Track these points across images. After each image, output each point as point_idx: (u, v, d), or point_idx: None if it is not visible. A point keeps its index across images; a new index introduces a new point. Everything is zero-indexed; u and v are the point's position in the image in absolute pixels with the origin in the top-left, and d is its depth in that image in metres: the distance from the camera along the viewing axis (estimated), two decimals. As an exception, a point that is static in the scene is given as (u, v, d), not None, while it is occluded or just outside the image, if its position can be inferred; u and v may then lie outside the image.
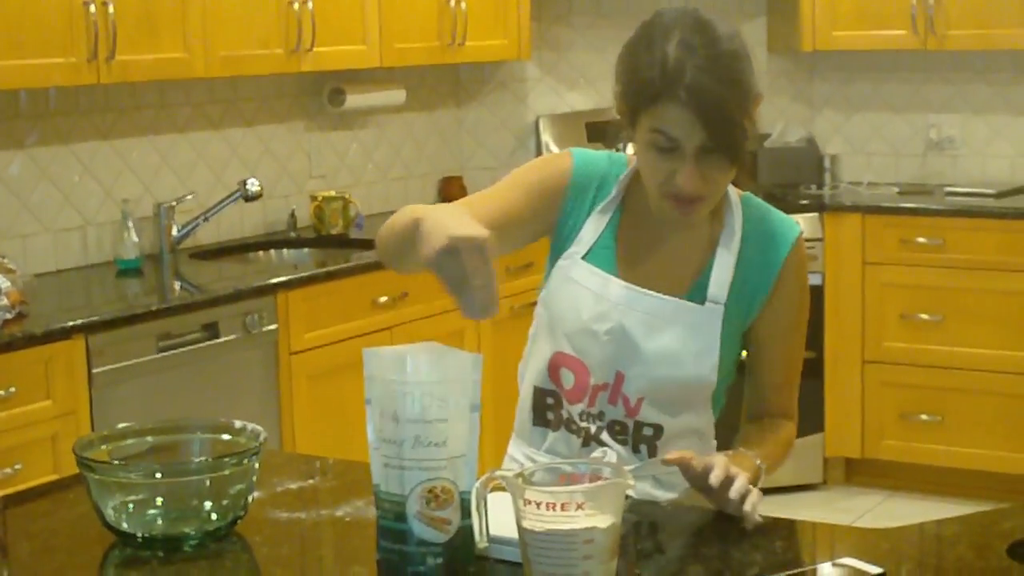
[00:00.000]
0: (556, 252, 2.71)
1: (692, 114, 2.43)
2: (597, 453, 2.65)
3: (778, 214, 2.68)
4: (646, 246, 2.66)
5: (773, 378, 2.73)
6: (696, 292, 2.64)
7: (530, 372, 2.74)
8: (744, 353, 2.72)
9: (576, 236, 2.67)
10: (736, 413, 2.78)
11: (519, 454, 2.76)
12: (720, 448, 2.71)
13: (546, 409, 2.71)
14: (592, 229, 2.66)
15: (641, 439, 2.66)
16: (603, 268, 2.65)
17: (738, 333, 2.67)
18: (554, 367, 2.67)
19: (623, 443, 2.65)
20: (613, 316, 2.62)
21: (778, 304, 2.66)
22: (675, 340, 2.62)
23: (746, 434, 2.70)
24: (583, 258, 2.66)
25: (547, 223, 2.70)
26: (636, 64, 2.51)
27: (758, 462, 2.54)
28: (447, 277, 2.21)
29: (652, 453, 2.66)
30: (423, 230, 2.22)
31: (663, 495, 2.63)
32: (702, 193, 2.53)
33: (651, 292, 2.63)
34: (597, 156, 2.70)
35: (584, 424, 2.66)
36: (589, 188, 2.67)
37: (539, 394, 2.71)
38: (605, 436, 2.65)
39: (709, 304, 2.62)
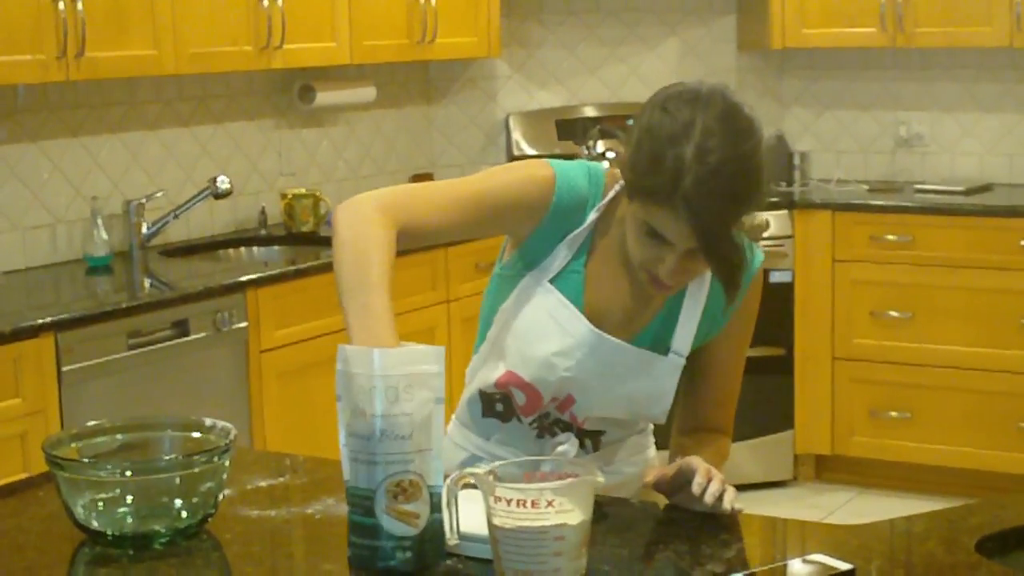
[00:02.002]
0: (520, 261, 2.64)
1: (685, 225, 2.36)
2: (561, 438, 2.65)
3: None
4: (612, 278, 2.60)
5: (716, 394, 2.73)
6: (658, 329, 2.63)
7: (479, 379, 2.71)
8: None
9: (546, 259, 2.62)
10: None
11: (467, 443, 2.74)
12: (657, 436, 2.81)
13: (496, 403, 2.70)
14: (563, 255, 2.61)
15: (586, 435, 2.69)
16: (569, 296, 2.61)
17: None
18: (505, 384, 2.65)
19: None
20: (576, 355, 2.59)
21: (730, 328, 2.66)
22: (633, 386, 2.62)
23: (682, 446, 2.68)
24: (550, 281, 2.62)
25: (516, 236, 2.64)
26: (646, 157, 2.39)
27: None
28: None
29: (597, 448, 2.70)
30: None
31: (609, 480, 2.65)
32: (680, 284, 2.52)
33: (617, 340, 2.60)
34: (579, 181, 2.58)
35: (533, 422, 2.67)
36: (568, 217, 2.59)
37: (488, 396, 2.71)
38: (555, 430, 2.67)
39: (672, 355, 2.62)
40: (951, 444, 6.22)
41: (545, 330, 2.60)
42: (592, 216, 2.59)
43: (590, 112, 6.94)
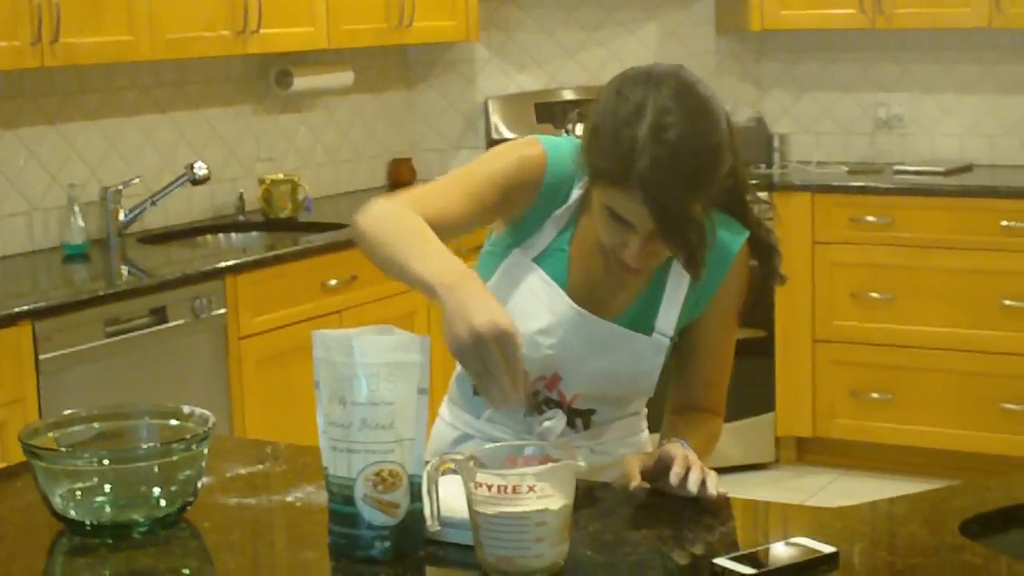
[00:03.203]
0: (509, 237, 2.64)
1: (644, 207, 2.34)
2: (548, 414, 2.63)
3: (725, 224, 2.57)
4: (595, 256, 2.58)
5: (707, 375, 2.71)
6: (643, 306, 2.62)
7: None
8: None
9: (532, 237, 2.61)
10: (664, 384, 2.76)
11: (458, 422, 2.74)
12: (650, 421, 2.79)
13: None
14: (548, 233, 2.61)
15: (577, 414, 2.68)
16: (554, 275, 2.60)
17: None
18: None
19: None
20: (558, 333, 2.59)
21: (718, 305, 2.64)
22: (617, 363, 2.62)
23: (673, 425, 2.67)
24: (535, 259, 2.62)
25: (507, 218, 2.64)
26: (602, 140, 2.38)
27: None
28: (470, 367, 2.20)
29: (587, 427, 2.69)
30: (447, 312, 2.22)
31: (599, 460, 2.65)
32: (649, 265, 2.51)
33: (598, 319, 2.60)
34: (567, 156, 2.56)
35: None
36: (556, 194, 2.58)
37: None
38: (544, 408, 2.65)
39: (656, 335, 2.61)
40: (932, 425, 6.23)
41: (529, 308, 2.59)
42: (576, 194, 2.58)
43: (569, 96, 6.93)
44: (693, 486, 2.40)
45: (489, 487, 2.06)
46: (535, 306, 2.60)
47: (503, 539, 2.06)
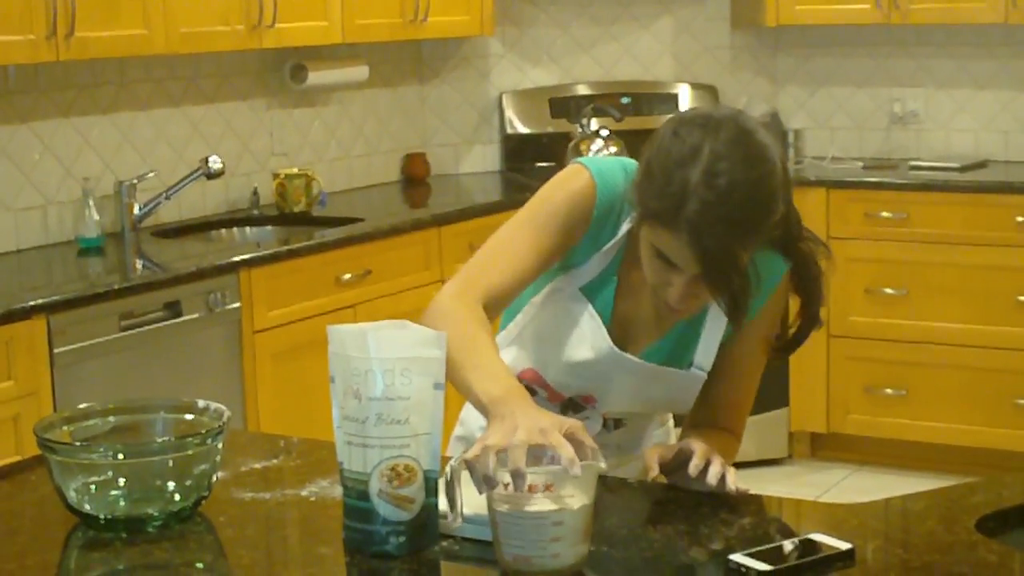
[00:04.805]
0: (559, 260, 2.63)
1: (691, 250, 2.33)
2: (587, 412, 2.65)
3: (767, 255, 2.53)
4: (643, 283, 2.55)
5: (731, 397, 2.70)
6: (684, 331, 2.62)
7: (506, 360, 2.70)
8: None
9: (582, 265, 2.61)
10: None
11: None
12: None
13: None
14: (597, 263, 2.60)
15: (609, 417, 2.71)
16: (600, 306, 2.60)
17: None
18: (528, 380, 2.65)
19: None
20: (597, 368, 2.60)
21: (750, 331, 2.62)
22: (653, 393, 2.64)
23: (690, 437, 2.66)
24: (582, 288, 2.62)
25: (563, 252, 2.63)
26: (654, 179, 2.37)
27: None
28: (480, 465, 2.14)
29: (619, 426, 2.73)
30: (491, 422, 2.23)
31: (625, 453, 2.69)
32: (691, 308, 2.51)
33: (638, 361, 2.61)
34: (617, 182, 2.54)
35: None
36: (607, 222, 2.57)
37: None
38: (578, 407, 2.68)
39: (695, 370, 2.62)
40: (946, 421, 6.21)
41: (569, 340, 2.61)
42: (625, 227, 2.57)
43: (583, 90, 6.92)
44: (713, 479, 2.39)
45: (507, 485, 2.05)
46: (578, 339, 2.61)
47: (521, 538, 2.06)
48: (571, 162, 2.61)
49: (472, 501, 2.15)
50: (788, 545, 2.18)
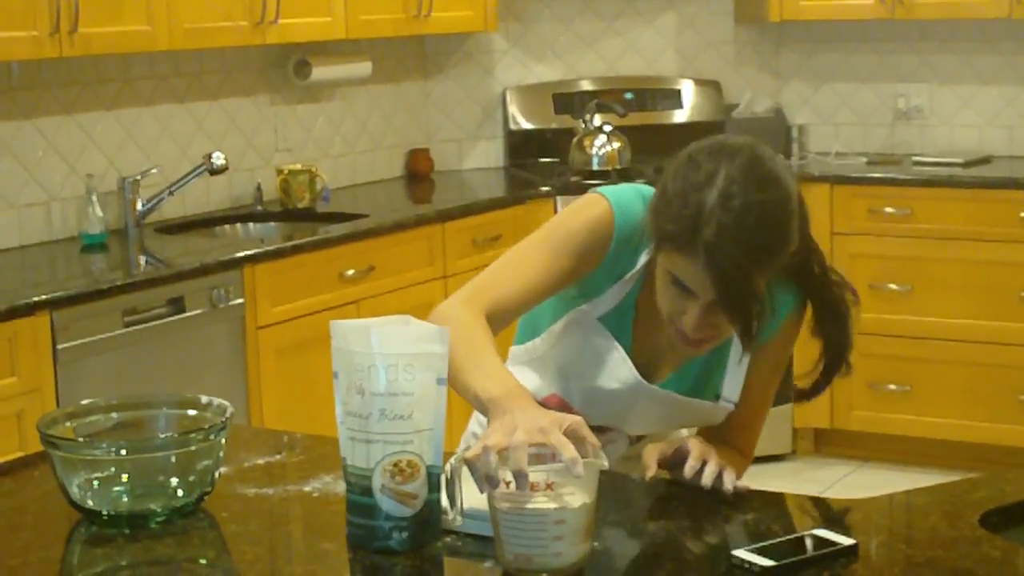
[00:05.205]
0: (575, 287, 2.62)
1: (707, 274, 2.34)
2: (612, 435, 2.66)
3: (781, 283, 2.55)
4: (661, 322, 2.54)
5: (743, 418, 2.70)
6: (706, 364, 2.64)
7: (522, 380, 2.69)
8: None
9: (600, 295, 2.61)
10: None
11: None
12: None
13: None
14: (615, 293, 2.61)
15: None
16: (619, 334, 2.61)
17: None
18: (552, 405, 2.63)
19: None
20: (621, 397, 2.61)
21: (764, 355, 2.64)
22: (679, 420, 2.66)
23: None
24: (600, 318, 2.62)
25: (579, 277, 2.63)
26: (671, 203, 2.38)
27: None
28: (481, 465, 2.13)
29: (641, 438, 2.74)
30: (492, 421, 2.22)
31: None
32: (707, 338, 2.49)
33: (664, 392, 2.62)
34: (635, 211, 2.54)
35: None
36: (624, 252, 2.57)
37: None
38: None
39: (723, 402, 2.63)
40: (950, 417, 6.21)
41: (593, 371, 2.62)
42: (643, 259, 2.57)
43: (587, 86, 6.92)
44: (708, 479, 2.40)
45: (509, 483, 2.05)
46: (602, 370, 2.62)
47: (522, 536, 2.06)
48: (589, 191, 2.62)
49: (473, 497, 2.14)
50: (791, 540, 2.18)
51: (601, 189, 2.60)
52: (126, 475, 2.33)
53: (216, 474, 2.37)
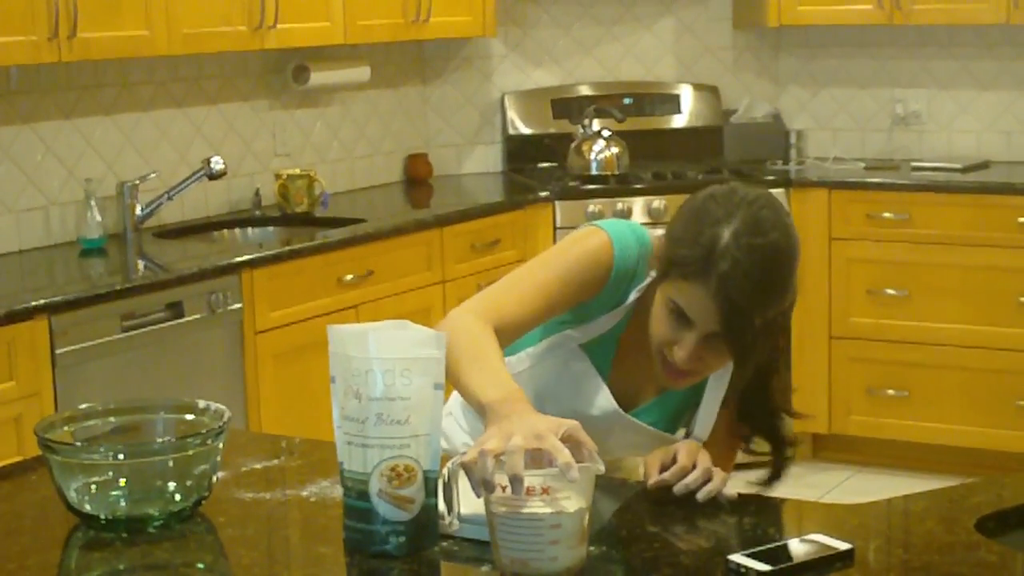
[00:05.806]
0: (567, 314, 2.67)
1: (715, 303, 2.40)
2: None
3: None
4: (643, 352, 2.59)
5: (728, 421, 2.71)
6: (682, 398, 2.68)
7: None
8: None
9: (586, 323, 2.66)
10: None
11: (475, 431, 2.73)
12: None
13: None
14: (601, 325, 2.65)
15: None
16: (599, 363, 2.66)
17: None
18: None
19: None
20: (597, 425, 2.60)
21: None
22: (650, 448, 2.64)
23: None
24: (582, 345, 2.66)
25: (569, 306, 2.67)
26: (688, 231, 2.44)
27: None
28: (478, 470, 2.14)
29: None
30: (488, 424, 2.24)
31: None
32: (694, 371, 2.53)
33: (638, 423, 2.66)
34: (631, 247, 2.61)
35: None
36: (619, 288, 2.62)
37: None
38: None
39: (693, 438, 2.63)
40: (948, 423, 6.21)
41: (570, 395, 2.66)
42: (633, 296, 2.62)
43: (585, 91, 6.92)
44: (702, 496, 2.41)
45: (505, 488, 2.05)
46: (579, 396, 2.66)
47: (518, 541, 2.06)
48: (586, 224, 2.67)
49: (470, 501, 2.15)
50: (788, 545, 2.18)
51: (598, 223, 2.66)
52: (124, 479, 2.33)
53: (213, 479, 2.38)
